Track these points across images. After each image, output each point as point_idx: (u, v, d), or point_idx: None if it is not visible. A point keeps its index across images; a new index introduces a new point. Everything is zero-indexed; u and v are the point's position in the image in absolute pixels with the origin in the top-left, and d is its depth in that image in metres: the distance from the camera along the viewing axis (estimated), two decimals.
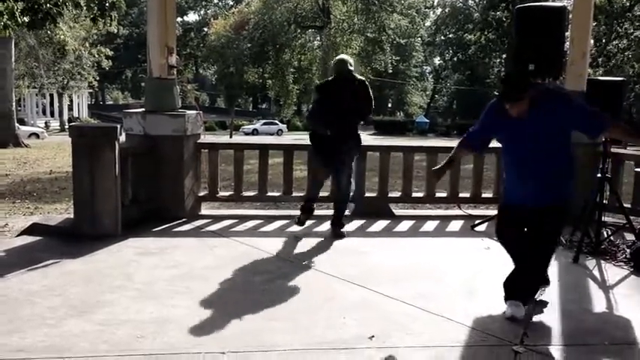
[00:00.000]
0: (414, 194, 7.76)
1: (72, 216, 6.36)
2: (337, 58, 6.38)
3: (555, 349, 3.79)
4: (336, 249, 5.99)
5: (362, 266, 5.38)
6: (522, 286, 4.29)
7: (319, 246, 6.07)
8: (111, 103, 78.15)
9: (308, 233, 6.53)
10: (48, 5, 13.37)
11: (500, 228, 4.45)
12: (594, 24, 26.32)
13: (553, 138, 4.09)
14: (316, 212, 7.23)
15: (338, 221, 6.51)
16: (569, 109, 4.12)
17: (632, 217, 6.12)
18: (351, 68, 6.14)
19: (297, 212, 6.71)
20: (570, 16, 7.27)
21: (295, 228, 6.63)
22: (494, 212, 5.61)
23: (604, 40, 36.70)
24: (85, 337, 3.72)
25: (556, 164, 4.13)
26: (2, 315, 4.07)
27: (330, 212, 6.78)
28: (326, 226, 6.66)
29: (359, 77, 6.34)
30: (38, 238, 6.05)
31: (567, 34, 6.98)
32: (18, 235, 6.21)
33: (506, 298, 4.28)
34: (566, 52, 7.05)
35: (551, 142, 4.09)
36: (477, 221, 6.91)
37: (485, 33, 47.21)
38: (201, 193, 7.37)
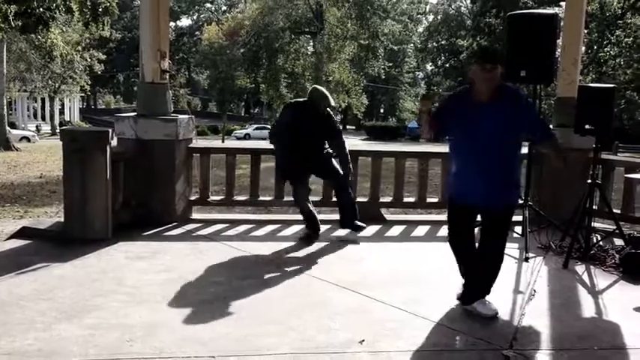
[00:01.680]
0: (406, 199, 7.77)
1: (62, 220, 6.35)
2: (318, 89, 6.34)
3: (544, 354, 3.81)
4: (327, 253, 5.98)
5: (353, 271, 5.38)
6: (484, 286, 4.36)
7: (310, 250, 6.06)
8: (103, 107, 77.88)
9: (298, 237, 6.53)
10: (40, 10, 13.33)
11: (452, 232, 4.49)
12: (586, 31, 26.44)
13: (504, 134, 4.14)
14: None
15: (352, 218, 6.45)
16: (518, 108, 4.19)
17: (621, 223, 6.15)
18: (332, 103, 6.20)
19: (289, 216, 6.72)
20: (562, 23, 7.32)
21: (286, 232, 6.65)
22: None
23: (595, 47, 36.98)
24: (74, 341, 3.71)
25: (506, 162, 4.22)
26: None
27: (324, 216, 6.79)
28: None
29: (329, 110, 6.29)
30: (28, 241, 6.02)
31: (559, 40, 7.03)
32: (7, 239, 6.19)
33: (473, 300, 4.33)
34: (558, 58, 7.09)
35: (502, 138, 4.13)
36: None
37: (478, 39, 47.45)
38: (193, 198, 7.34)
